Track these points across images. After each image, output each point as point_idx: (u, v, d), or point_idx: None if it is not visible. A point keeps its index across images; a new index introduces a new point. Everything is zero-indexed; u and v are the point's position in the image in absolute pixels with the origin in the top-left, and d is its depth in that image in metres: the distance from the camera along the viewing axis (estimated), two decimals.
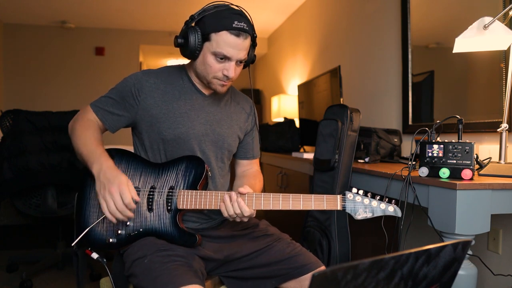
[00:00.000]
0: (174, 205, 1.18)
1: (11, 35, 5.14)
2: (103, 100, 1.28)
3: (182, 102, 1.27)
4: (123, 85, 1.27)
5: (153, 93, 1.25)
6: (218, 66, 1.19)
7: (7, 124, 2.32)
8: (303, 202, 1.14)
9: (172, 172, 1.22)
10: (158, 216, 1.19)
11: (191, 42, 1.17)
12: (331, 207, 1.12)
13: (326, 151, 1.78)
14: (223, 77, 1.21)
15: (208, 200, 1.17)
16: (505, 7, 1.61)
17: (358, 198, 1.11)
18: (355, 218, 1.11)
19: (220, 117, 1.33)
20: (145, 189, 1.21)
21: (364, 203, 1.11)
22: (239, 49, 1.17)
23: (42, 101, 5.03)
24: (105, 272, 1.31)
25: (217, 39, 1.16)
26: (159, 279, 1.02)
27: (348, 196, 1.11)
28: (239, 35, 1.16)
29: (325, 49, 3.66)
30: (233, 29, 1.15)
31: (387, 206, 1.11)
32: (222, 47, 1.16)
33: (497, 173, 1.34)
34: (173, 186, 1.20)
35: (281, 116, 4.16)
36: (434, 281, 0.70)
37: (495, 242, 1.74)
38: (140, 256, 1.12)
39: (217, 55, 1.17)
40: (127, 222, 1.19)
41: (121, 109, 1.26)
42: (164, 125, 1.25)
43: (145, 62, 6.67)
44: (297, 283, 1.21)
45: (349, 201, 1.11)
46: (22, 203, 2.37)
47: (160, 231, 1.19)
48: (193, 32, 1.17)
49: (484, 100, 1.83)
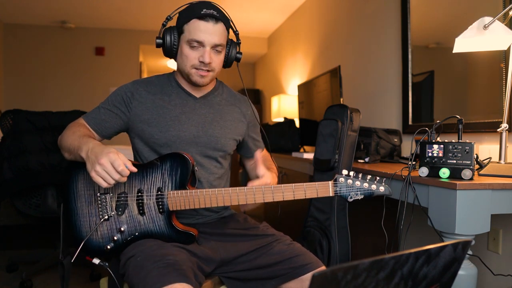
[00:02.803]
0: (165, 206, 1.17)
1: (11, 35, 5.14)
2: (94, 111, 1.32)
3: (172, 107, 1.30)
4: (114, 95, 1.32)
5: (144, 100, 1.29)
6: (193, 54, 1.23)
7: (7, 124, 2.32)
8: (295, 191, 1.13)
9: (157, 172, 1.19)
10: (152, 219, 1.18)
11: (167, 40, 1.25)
12: (323, 194, 1.12)
13: (326, 151, 1.78)
14: (200, 64, 1.24)
15: (199, 199, 1.16)
16: (505, 7, 1.61)
17: (349, 181, 1.10)
18: (348, 201, 1.11)
19: (212, 118, 1.33)
20: (132, 193, 1.19)
21: (355, 185, 1.10)
22: (210, 33, 1.21)
23: (42, 101, 5.03)
24: (105, 272, 1.31)
25: (189, 28, 1.22)
26: (148, 277, 1.02)
27: (339, 181, 1.11)
28: (208, 20, 1.20)
29: (325, 49, 3.66)
30: (201, 15, 1.20)
31: (378, 186, 1.10)
32: (193, 34, 1.21)
33: (497, 173, 1.34)
34: (160, 188, 1.18)
35: (281, 116, 4.16)
36: (434, 281, 0.70)
37: (495, 242, 1.74)
38: (134, 254, 1.13)
39: (191, 42, 1.22)
40: (121, 228, 1.18)
41: (112, 116, 1.30)
42: (155, 130, 1.27)
43: (145, 62, 6.67)
44: (297, 283, 1.21)
45: (341, 186, 1.11)
46: (22, 203, 2.37)
47: (156, 233, 1.18)
48: (169, 31, 1.26)
49: (484, 100, 1.83)
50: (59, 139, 1.28)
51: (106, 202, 1.19)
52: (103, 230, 1.19)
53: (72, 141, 1.18)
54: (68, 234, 1.22)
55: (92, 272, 2.45)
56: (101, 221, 1.18)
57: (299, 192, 1.13)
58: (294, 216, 2.52)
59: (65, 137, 1.23)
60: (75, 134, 1.21)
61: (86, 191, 1.21)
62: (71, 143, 1.18)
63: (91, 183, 1.21)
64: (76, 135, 1.20)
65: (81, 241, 1.19)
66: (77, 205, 1.22)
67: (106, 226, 1.19)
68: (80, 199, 1.22)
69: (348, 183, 1.10)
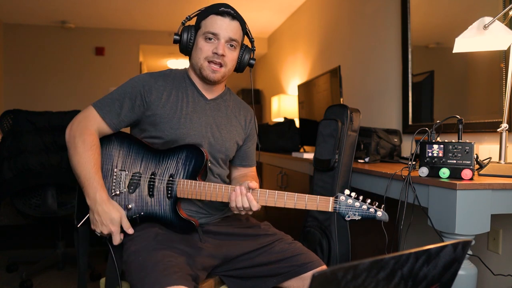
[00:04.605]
0: (174, 193, 1.22)
1: (11, 35, 5.14)
2: (107, 100, 1.27)
3: (185, 104, 1.31)
4: (130, 86, 1.28)
5: (161, 94, 1.28)
6: (208, 46, 1.26)
7: (7, 124, 2.32)
8: (297, 201, 1.17)
9: (173, 160, 1.24)
10: (159, 202, 1.23)
11: (184, 37, 1.29)
12: (323, 208, 1.15)
13: (326, 151, 1.78)
14: (213, 56, 1.26)
15: (207, 190, 1.21)
16: (505, 7, 1.61)
17: (349, 200, 1.13)
18: (345, 219, 1.13)
19: (220, 122, 1.36)
20: (146, 175, 1.25)
21: (355, 206, 1.13)
22: (225, 27, 1.25)
23: (42, 101, 5.03)
24: (105, 272, 1.31)
25: (205, 23, 1.27)
26: (148, 278, 1.03)
27: (340, 199, 1.13)
28: (225, 16, 1.25)
29: (325, 49, 3.66)
30: (219, 11, 1.25)
31: (376, 211, 1.12)
32: (209, 27, 1.26)
33: (497, 173, 1.34)
34: (173, 174, 1.23)
35: (281, 116, 4.16)
36: (434, 281, 0.70)
37: (495, 242, 1.74)
38: (137, 249, 1.14)
39: (206, 35, 1.26)
40: (129, 205, 1.23)
41: (128, 111, 1.26)
42: (167, 126, 1.27)
43: (145, 62, 6.67)
44: (298, 281, 1.21)
45: (341, 203, 1.13)
46: (22, 203, 2.37)
47: (160, 216, 1.23)
48: (187, 28, 1.30)
49: (484, 100, 1.83)
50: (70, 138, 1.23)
51: (121, 179, 1.24)
52: None
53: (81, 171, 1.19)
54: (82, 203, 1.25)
55: (92, 272, 2.45)
56: (112, 195, 1.23)
57: (301, 202, 1.16)
58: (294, 216, 2.52)
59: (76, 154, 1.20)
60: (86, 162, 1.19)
61: (105, 164, 1.26)
62: (80, 173, 1.19)
63: (110, 158, 1.27)
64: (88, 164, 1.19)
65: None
66: None
67: (115, 200, 1.23)
68: None
69: (348, 202, 1.13)
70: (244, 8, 4.44)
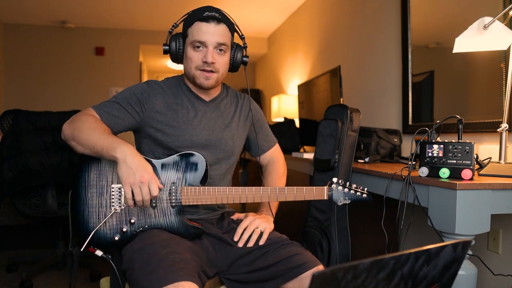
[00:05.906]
0: (178, 201, 1.22)
1: (11, 35, 5.13)
2: (107, 104, 1.28)
3: (185, 110, 1.31)
4: (130, 92, 1.29)
5: (160, 102, 1.29)
6: (197, 55, 1.26)
7: (7, 124, 2.32)
8: (296, 194, 1.29)
9: (173, 168, 1.24)
10: (163, 212, 1.22)
11: (173, 46, 1.29)
12: (319, 197, 1.30)
13: (326, 151, 1.78)
14: (203, 65, 1.25)
15: (211, 195, 1.23)
16: (505, 7, 1.61)
17: (339, 188, 1.32)
18: (337, 204, 1.32)
19: (222, 122, 1.36)
20: None
21: (344, 192, 1.31)
22: (211, 33, 1.24)
23: (42, 101, 5.02)
24: (105, 272, 1.31)
25: (192, 31, 1.25)
26: (154, 274, 1.02)
27: (332, 187, 1.31)
28: (210, 21, 1.23)
29: (325, 49, 3.66)
30: (203, 17, 1.23)
31: (362, 193, 1.33)
32: (195, 36, 1.24)
33: (497, 173, 1.34)
34: (175, 182, 1.22)
35: (281, 116, 4.16)
36: (434, 281, 0.70)
37: (495, 242, 1.74)
38: (141, 249, 1.13)
39: (194, 44, 1.25)
40: (131, 220, 1.21)
41: (126, 114, 1.27)
42: (168, 133, 1.28)
43: (145, 62, 6.67)
44: (296, 282, 1.21)
45: (333, 191, 1.31)
46: (22, 203, 2.37)
47: (165, 227, 1.22)
48: (174, 37, 1.29)
49: (484, 100, 1.83)
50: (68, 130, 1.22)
51: (120, 194, 1.21)
52: (112, 221, 1.21)
53: (95, 139, 1.15)
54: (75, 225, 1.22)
55: (92, 272, 2.45)
56: (112, 212, 1.20)
57: (300, 194, 1.30)
58: (294, 216, 2.52)
59: (83, 131, 1.18)
60: (97, 131, 1.17)
61: (99, 181, 1.22)
62: (95, 140, 1.15)
63: (104, 174, 1.23)
64: (98, 132, 1.17)
65: (87, 231, 1.20)
66: (87, 195, 1.22)
67: (115, 217, 1.21)
68: (90, 189, 1.22)
69: (339, 189, 1.31)
70: (244, 8, 4.44)
